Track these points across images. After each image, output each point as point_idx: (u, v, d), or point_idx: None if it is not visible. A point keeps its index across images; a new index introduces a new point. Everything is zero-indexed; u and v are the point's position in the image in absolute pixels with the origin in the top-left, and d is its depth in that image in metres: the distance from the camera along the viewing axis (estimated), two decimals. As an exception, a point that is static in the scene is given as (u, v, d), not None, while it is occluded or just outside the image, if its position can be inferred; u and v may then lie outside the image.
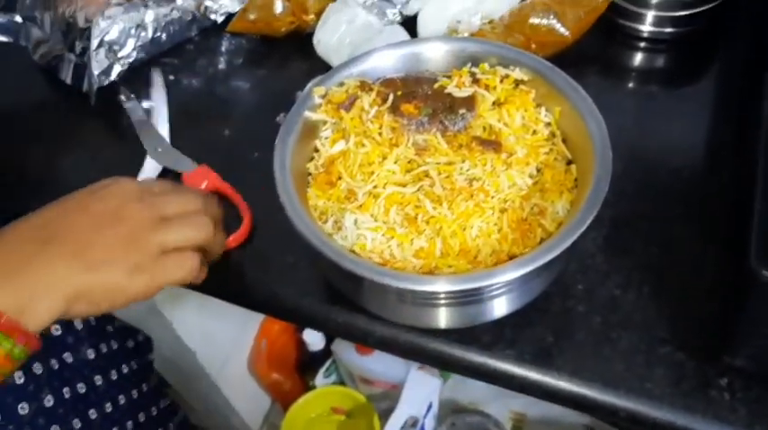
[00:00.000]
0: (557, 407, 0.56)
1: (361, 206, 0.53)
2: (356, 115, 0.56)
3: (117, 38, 0.70)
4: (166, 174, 0.67)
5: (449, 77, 0.57)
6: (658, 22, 0.70)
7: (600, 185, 0.49)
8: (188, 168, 0.66)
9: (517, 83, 0.57)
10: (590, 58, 0.70)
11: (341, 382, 1.25)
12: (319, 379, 1.22)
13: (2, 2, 0.78)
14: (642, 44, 0.71)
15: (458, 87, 0.56)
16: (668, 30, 0.70)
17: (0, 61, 0.78)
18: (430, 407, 1.07)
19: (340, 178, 0.55)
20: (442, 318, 0.56)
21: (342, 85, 0.58)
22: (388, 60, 0.59)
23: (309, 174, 0.57)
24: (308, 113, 0.57)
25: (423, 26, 0.71)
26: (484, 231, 0.52)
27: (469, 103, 0.55)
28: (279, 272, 0.60)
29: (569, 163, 0.55)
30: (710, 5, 0.69)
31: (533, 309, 0.55)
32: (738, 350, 0.48)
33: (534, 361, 0.53)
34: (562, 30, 0.67)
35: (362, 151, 0.55)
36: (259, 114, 0.70)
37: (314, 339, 1.17)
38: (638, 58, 0.72)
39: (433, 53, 0.59)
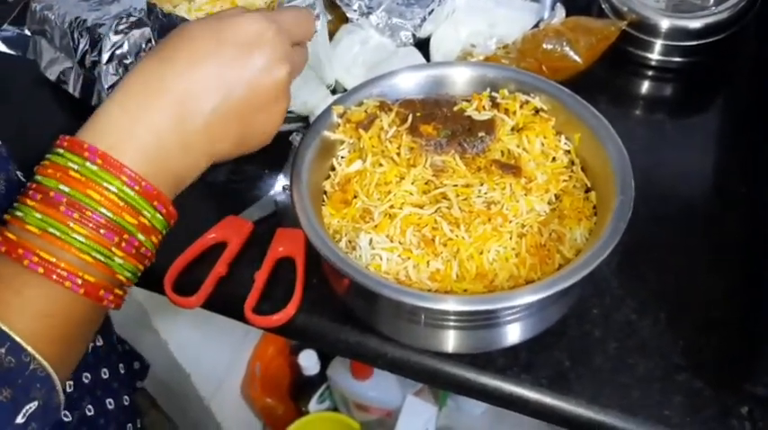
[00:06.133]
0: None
1: (376, 226, 0.52)
2: (375, 134, 0.55)
3: (128, 51, 0.70)
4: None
5: (468, 101, 0.57)
6: (667, 51, 0.71)
7: (623, 210, 0.49)
8: None
9: (537, 110, 0.57)
10: (601, 84, 0.70)
11: (335, 409, 1.23)
12: (313, 404, 1.20)
13: (11, 15, 0.77)
14: (651, 72, 0.72)
15: (477, 111, 0.56)
16: (676, 59, 0.71)
17: (8, 74, 0.78)
18: (426, 434, 1.06)
19: (355, 197, 0.54)
20: (456, 341, 0.55)
21: (361, 104, 0.58)
22: (407, 82, 0.59)
23: (325, 192, 0.56)
24: (326, 133, 0.56)
25: (435, 48, 0.71)
26: (501, 255, 0.51)
27: (489, 126, 0.55)
28: (288, 289, 0.59)
29: (587, 190, 0.55)
30: (718, 37, 0.70)
31: (549, 332, 0.54)
32: (760, 377, 0.48)
33: (551, 386, 0.52)
34: (574, 56, 0.68)
35: (380, 170, 0.54)
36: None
37: (309, 363, 1.15)
38: (647, 86, 0.72)
39: (454, 77, 0.59)
